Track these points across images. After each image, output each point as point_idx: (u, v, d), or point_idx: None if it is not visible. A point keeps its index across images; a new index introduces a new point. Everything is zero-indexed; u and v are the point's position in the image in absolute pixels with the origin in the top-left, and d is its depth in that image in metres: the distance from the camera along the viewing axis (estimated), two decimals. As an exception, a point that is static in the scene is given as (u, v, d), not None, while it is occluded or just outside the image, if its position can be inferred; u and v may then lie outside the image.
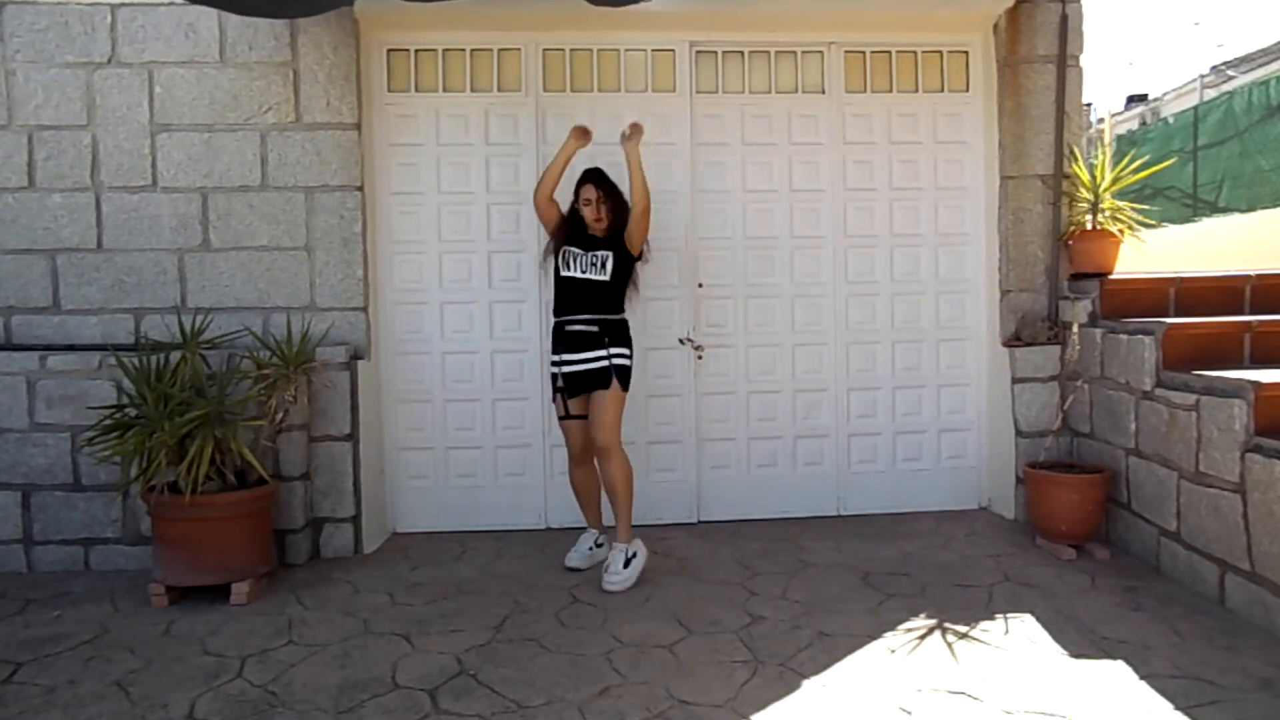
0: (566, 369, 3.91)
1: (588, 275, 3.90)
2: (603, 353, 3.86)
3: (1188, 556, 3.64)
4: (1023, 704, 2.70)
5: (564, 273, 3.94)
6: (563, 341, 3.94)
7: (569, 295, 3.94)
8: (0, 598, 3.74)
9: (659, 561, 4.07)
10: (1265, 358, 3.90)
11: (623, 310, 4.01)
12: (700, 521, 4.76)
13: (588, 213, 3.94)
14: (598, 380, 3.86)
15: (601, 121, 4.70)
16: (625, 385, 3.90)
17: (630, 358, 3.96)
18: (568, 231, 3.99)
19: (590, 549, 4.08)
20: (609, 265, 3.90)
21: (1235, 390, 3.38)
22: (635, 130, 3.95)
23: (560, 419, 4.05)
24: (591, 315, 3.90)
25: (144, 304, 4.34)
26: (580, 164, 4.67)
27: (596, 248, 3.93)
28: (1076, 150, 4.62)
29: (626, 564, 3.78)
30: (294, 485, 4.13)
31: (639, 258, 4.05)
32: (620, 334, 3.95)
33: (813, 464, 4.86)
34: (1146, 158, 5.32)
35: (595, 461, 3.98)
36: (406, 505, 4.68)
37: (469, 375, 4.69)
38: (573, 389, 3.92)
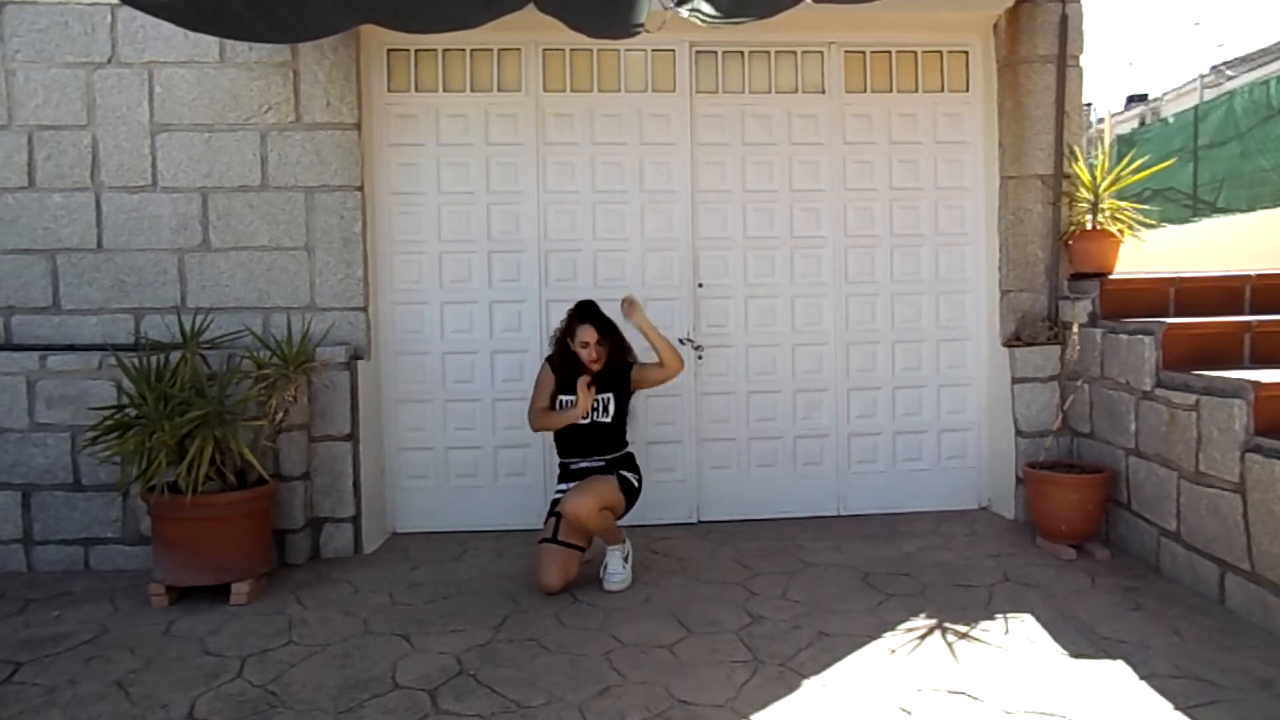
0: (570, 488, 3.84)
1: (590, 419, 3.86)
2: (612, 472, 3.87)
3: (1188, 556, 3.64)
4: (1023, 704, 2.70)
5: None
6: (569, 478, 3.92)
7: (573, 439, 3.90)
8: (0, 598, 3.75)
9: (659, 561, 4.08)
10: (1265, 358, 3.90)
11: (627, 444, 3.99)
12: (700, 521, 4.76)
13: (584, 354, 3.85)
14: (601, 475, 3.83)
15: (601, 122, 4.72)
16: (624, 490, 3.82)
17: (639, 482, 3.93)
18: (560, 380, 3.92)
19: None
20: (611, 408, 3.87)
21: (1235, 390, 3.38)
22: (632, 306, 3.88)
23: (540, 540, 3.78)
24: (598, 457, 3.90)
25: (144, 304, 4.34)
26: (581, 166, 4.69)
27: (597, 391, 3.85)
28: (1076, 150, 4.62)
29: (624, 563, 3.79)
30: (294, 485, 4.13)
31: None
32: (629, 464, 3.94)
33: (813, 464, 4.86)
34: (1146, 158, 5.31)
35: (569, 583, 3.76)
36: (406, 505, 4.68)
37: (469, 375, 4.69)
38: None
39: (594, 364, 3.86)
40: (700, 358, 4.74)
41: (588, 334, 3.85)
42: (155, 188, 4.33)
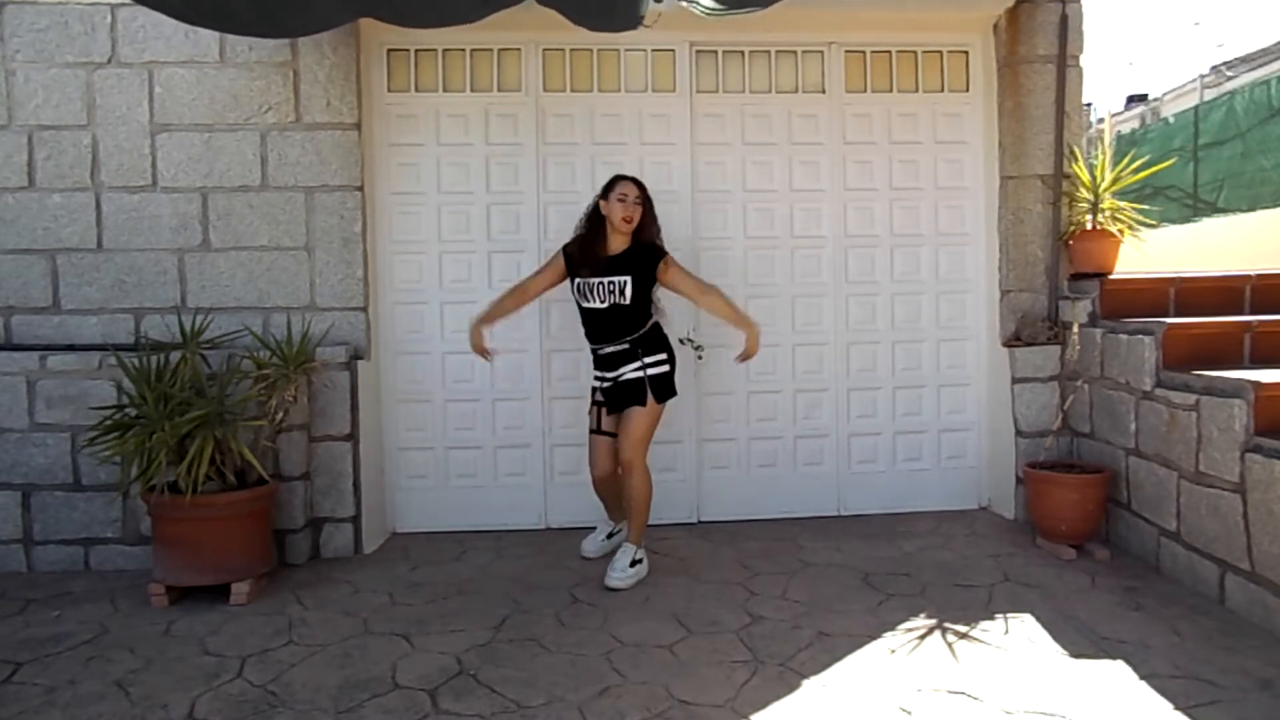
0: (606, 384, 3.94)
1: (608, 303, 3.86)
2: (637, 364, 3.86)
3: (1188, 556, 3.64)
4: (1023, 704, 2.70)
5: (584, 304, 3.93)
6: (599, 363, 3.97)
7: (595, 325, 3.92)
8: (0, 598, 3.75)
9: (659, 561, 4.07)
10: (1265, 358, 3.90)
11: (649, 319, 3.95)
12: (700, 521, 4.76)
13: (619, 209, 3.83)
14: (634, 395, 3.85)
15: (601, 122, 4.72)
16: (662, 397, 3.88)
17: (668, 363, 3.93)
18: (577, 260, 3.92)
19: (605, 539, 4.18)
20: (628, 290, 3.83)
21: (1235, 390, 3.38)
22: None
23: (590, 431, 4.03)
24: (622, 339, 3.88)
25: (144, 304, 4.34)
26: (580, 166, 4.69)
27: (614, 272, 3.84)
28: (1076, 150, 4.62)
29: (632, 565, 3.81)
30: (294, 485, 4.13)
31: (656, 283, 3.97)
32: (653, 342, 3.92)
33: (813, 464, 4.86)
34: (1146, 158, 5.31)
35: (618, 471, 3.96)
36: (406, 505, 4.68)
37: (469, 375, 4.68)
38: (612, 405, 3.94)
39: (626, 223, 3.83)
40: (700, 358, 4.73)
41: (628, 188, 3.87)
42: (155, 188, 4.33)
